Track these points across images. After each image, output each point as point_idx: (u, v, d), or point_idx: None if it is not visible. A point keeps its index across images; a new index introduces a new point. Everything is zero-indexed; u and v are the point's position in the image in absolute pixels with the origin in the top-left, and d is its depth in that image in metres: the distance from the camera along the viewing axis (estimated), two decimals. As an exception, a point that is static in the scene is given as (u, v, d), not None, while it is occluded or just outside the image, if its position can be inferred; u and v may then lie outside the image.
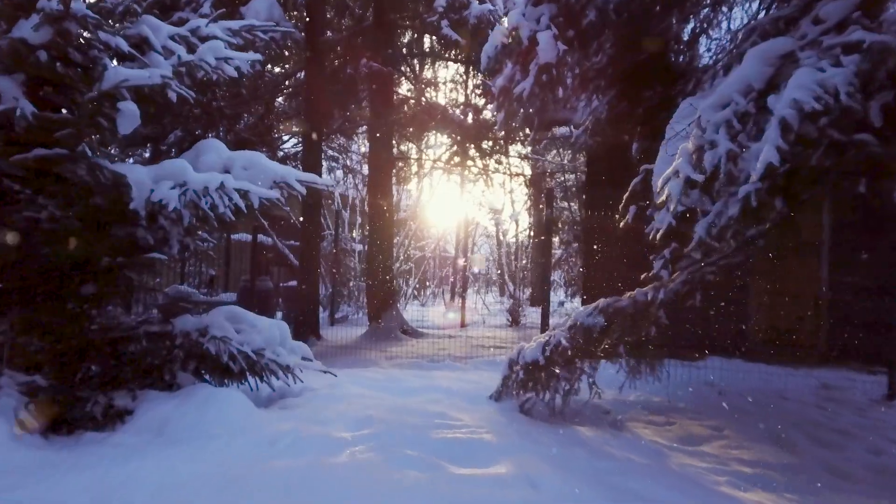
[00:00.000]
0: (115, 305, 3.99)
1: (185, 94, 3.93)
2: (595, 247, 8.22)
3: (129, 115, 3.52)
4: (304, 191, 4.23)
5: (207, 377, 4.11)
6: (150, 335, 3.89)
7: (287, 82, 12.07)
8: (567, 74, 4.95)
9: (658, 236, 3.22)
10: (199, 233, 4.39)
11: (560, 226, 15.40)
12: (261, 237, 15.23)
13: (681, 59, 6.11)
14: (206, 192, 3.71)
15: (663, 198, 2.84)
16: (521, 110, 4.72)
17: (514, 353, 4.40)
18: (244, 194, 3.93)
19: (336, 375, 4.66)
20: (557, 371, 4.08)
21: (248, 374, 4.04)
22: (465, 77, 11.82)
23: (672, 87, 5.96)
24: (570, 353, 3.99)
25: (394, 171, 11.41)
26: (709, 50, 7.50)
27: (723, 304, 7.54)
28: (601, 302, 4.12)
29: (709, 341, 7.02)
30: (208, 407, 3.36)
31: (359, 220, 17.77)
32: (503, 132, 7.98)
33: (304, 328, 9.27)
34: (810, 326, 7.93)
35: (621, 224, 3.98)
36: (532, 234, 19.55)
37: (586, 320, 4.12)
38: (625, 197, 3.89)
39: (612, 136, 6.04)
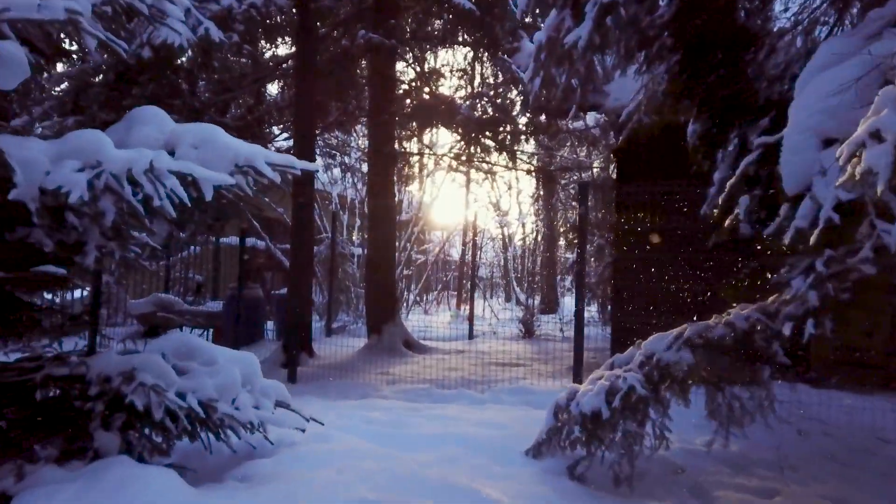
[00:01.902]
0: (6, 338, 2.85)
1: (108, 41, 2.80)
2: (626, 250, 7.10)
3: (10, 62, 2.38)
4: (276, 177, 3.10)
5: (150, 437, 2.97)
6: (54, 381, 2.75)
7: (281, 67, 10.93)
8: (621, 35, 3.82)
9: (811, 240, 2.08)
10: (137, 234, 3.25)
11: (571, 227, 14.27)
12: (253, 240, 14.13)
13: (751, 21, 4.99)
14: (130, 176, 2.58)
15: (851, 174, 1.70)
16: (566, 75, 3.59)
17: (563, 399, 3.26)
18: (191, 181, 2.81)
19: (323, 424, 3.52)
20: (628, 427, 2.95)
21: (197, 429, 2.90)
22: (472, 65, 10.71)
23: (742, 54, 4.84)
24: (646, 401, 2.86)
25: (396, 167, 10.28)
26: (785, 10, 6.32)
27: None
28: (687, 330, 2.99)
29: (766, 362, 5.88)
30: (122, 496, 2.22)
31: (358, 222, 16.64)
32: (529, 114, 6.81)
33: (295, 343, 8.11)
34: (884, 343, 6.78)
35: (727, 222, 2.83)
36: (542, 236, 18.45)
37: (665, 356, 2.98)
38: (729, 184, 2.77)
39: (669, 115, 4.93)
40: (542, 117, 7.85)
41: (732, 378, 3.04)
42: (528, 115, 6.73)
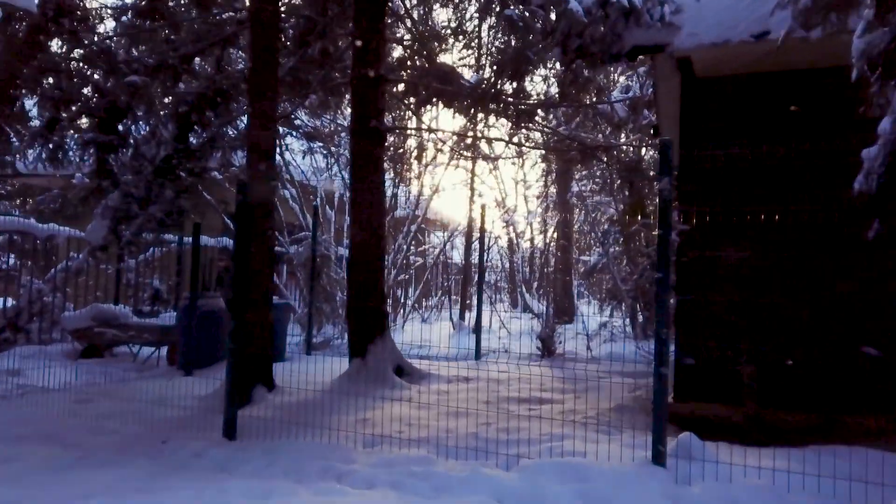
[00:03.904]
0: None
1: None
2: (704, 244, 5.05)
3: None
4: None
5: None
6: None
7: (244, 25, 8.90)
8: None
9: None
10: None
11: (602, 222, 12.22)
12: (217, 239, 12.12)
13: None
14: None
15: None
16: None
17: None
18: None
19: None
20: None
21: None
22: (478, 25, 8.67)
23: None
24: None
25: (384, 145, 8.20)
26: None
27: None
28: None
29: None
30: None
31: (347, 220, 14.60)
32: (567, 54, 4.75)
33: (250, 373, 6.03)
34: None
35: None
36: (557, 235, 16.44)
37: None
38: None
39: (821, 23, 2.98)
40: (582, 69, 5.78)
41: None
42: (564, 52, 4.66)
